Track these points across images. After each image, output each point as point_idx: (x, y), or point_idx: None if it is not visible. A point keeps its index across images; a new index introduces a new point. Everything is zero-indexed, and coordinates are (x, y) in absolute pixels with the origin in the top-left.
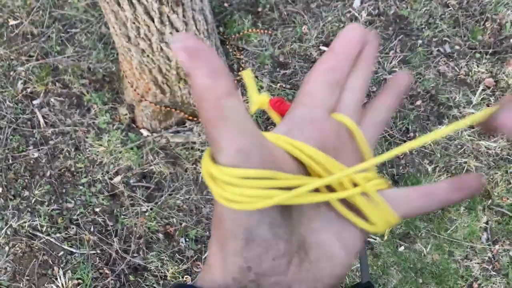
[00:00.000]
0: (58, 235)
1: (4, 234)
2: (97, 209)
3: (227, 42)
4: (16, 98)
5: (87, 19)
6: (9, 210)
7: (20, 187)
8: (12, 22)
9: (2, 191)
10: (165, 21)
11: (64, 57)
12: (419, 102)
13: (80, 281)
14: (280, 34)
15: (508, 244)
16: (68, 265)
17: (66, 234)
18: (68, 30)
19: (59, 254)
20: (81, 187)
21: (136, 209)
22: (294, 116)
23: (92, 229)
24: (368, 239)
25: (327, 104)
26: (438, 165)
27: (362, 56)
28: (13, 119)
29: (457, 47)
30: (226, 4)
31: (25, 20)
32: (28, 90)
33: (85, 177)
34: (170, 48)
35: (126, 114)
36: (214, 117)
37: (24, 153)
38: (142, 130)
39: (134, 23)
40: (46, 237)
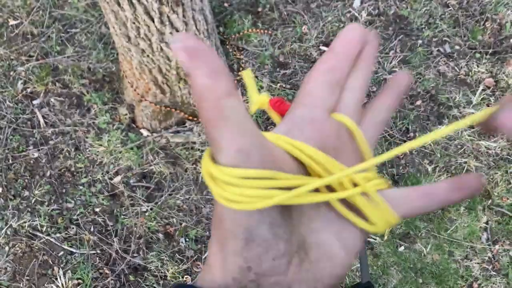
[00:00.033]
0: (58, 235)
1: (4, 234)
2: (97, 209)
3: (227, 42)
4: (16, 98)
5: (87, 19)
6: (9, 210)
7: (20, 187)
8: (12, 22)
9: (2, 191)
10: (165, 21)
11: (64, 57)
12: (419, 102)
13: (80, 281)
14: (280, 34)
15: (508, 244)
16: (68, 265)
17: (66, 234)
18: (68, 30)
19: (59, 254)
20: (81, 187)
21: (136, 209)
22: (294, 116)
23: (92, 229)
24: (368, 239)
25: (327, 104)
26: (438, 165)
27: (362, 56)
28: (13, 119)
29: (457, 47)
30: (226, 4)
31: (25, 20)
32: (28, 90)
33: (85, 177)
34: (170, 48)
35: (126, 114)
36: (214, 117)
37: (24, 153)
38: (142, 130)
39: (134, 23)
40: (46, 237)
